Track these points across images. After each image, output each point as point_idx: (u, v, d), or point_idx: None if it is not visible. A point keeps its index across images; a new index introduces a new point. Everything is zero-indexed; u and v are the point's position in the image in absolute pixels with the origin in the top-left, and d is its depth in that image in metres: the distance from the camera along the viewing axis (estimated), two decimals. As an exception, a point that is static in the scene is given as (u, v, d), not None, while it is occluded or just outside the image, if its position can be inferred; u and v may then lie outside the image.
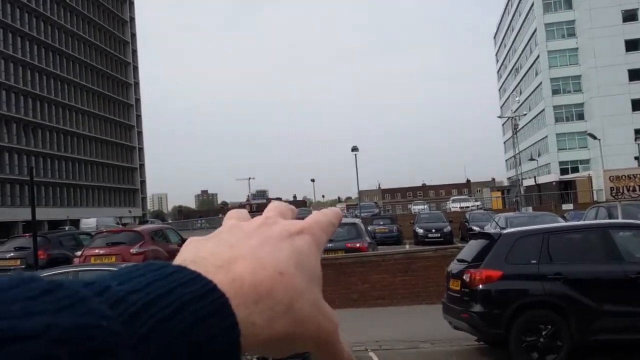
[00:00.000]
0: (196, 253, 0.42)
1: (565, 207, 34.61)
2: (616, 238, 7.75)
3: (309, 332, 0.42)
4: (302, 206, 70.76)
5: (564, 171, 64.51)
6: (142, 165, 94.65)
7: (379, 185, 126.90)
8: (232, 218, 0.50)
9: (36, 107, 66.39)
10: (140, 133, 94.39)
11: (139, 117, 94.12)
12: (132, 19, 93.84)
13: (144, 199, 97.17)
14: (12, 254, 18.07)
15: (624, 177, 14.87)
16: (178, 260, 0.42)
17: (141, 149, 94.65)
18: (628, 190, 14.73)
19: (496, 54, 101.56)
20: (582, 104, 65.35)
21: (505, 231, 8.42)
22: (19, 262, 17.55)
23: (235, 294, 0.38)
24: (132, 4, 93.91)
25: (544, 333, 7.14)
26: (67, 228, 45.14)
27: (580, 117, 65.52)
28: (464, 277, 7.70)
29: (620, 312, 7.18)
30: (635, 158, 45.82)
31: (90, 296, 0.33)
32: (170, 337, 0.34)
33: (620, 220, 12.06)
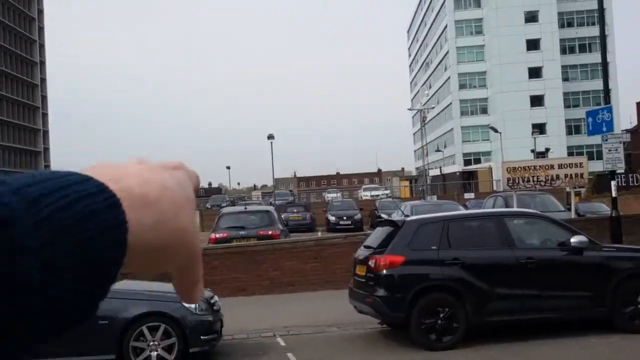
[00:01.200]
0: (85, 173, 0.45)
1: (467, 196, 36.42)
2: (510, 225, 8.24)
3: (186, 243, 0.48)
4: (217, 193, 69.69)
5: (467, 162, 67.81)
6: (46, 149, 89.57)
7: (295, 173, 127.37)
8: None
9: None
10: (45, 115, 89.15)
11: (44, 97, 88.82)
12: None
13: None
14: None
15: (519, 168, 15.89)
16: None
17: (46, 132, 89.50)
18: (523, 181, 15.75)
19: (409, 48, 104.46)
20: (486, 99, 68.82)
21: (408, 218, 8.74)
22: None
23: (124, 198, 0.43)
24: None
25: (441, 315, 7.51)
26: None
27: (484, 111, 69.00)
28: (369, 263, 7.95)
29: (512, 295, 7.71)
30: (532, 151, 48.98)
31: None
32: (66, 225, 0.38)
33: (514, 209, 12.90)
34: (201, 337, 7.21)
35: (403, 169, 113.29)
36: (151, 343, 7.12)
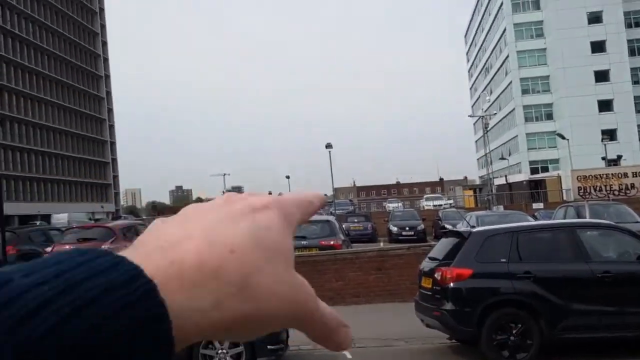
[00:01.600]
0: (145, 236, 0.39)
1: (535, 206, 35.20)
2: (583, 237, 7.93)
3: (276, 309, 0.38)
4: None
5: (534, 170, 65.70)
6: (114, 160, 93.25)
7: (354, 182, 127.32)
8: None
9: (4, 99, 64.80)
10: (112, 127, 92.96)
11: (110, 110, 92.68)
12: (102, 10, 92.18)
13: (116, 194, 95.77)
14: (-21, 250, 17.71)
15: (590, 177, 15.31)
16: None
17: (113, 143, 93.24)
18: (595, 190, 15.14)
19: (467, 53, 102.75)
20: (550, 104, 66.63)
21: (475, 229, 8.54)
22: (-14, 258, 17.21)
23: (171, 277, 0.35)
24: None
25: (514, 331, 7.28)
26: (38, 223, 44.25)
27: (549, 117, 66.80)
28: (436, 275, 7.80)
29: (588, 311, 7.36)
30: (602, 158, 46.95)
31: None
32: (73, 338, 0.30)
33: (587, 220, 12.37)
34: (268, 346, 7.26)
35: (466, 177, 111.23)
36: (220, 351, 7.24)
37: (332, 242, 14.08)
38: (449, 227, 18.22)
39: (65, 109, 77.57)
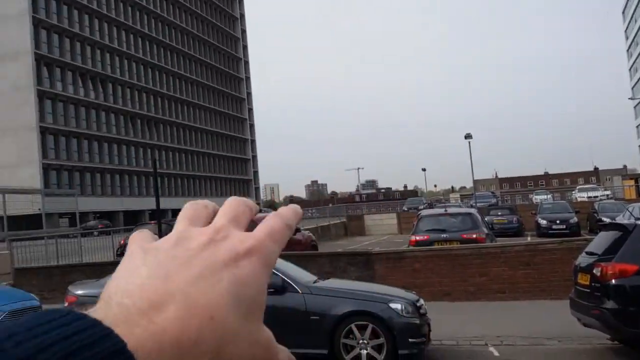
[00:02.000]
0: (125, 286, 0.38)
1: None
2: None
3: None
4: (413, 196, 69.50)
5: None
6: (254, 157, 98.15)
7: (496, 173, 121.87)
8: (184, 219, 0.45)
9: (157, 103, 70.98)
10: (252, 126, 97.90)
11: (250, 110, 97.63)
12: (242, 16, 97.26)
13: (257, 189, 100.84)
14: (141, 241, 19.63)
15: None
16: (111, 286, 0.38)
17: (253, 141, 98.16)
18: None
19: (625, 31, 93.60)
20: None
21: (641, 222, 7.73)
22: (147, 248, 18.99)
23: (151, 350, 0.35)
24: (241, 1, 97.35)
25: (691, 335, 6.46)
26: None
27: None
28: (594, 271, 7.25)
29: None
30: None
31: None
32: None
33: None
34: (409, 339, 7.13)
35: (625, 166, 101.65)
36: (360, 341, 7.23)
37: (474, 236, 13.58)
38: (606, 220, 16.68)
39: (210, 111, 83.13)
